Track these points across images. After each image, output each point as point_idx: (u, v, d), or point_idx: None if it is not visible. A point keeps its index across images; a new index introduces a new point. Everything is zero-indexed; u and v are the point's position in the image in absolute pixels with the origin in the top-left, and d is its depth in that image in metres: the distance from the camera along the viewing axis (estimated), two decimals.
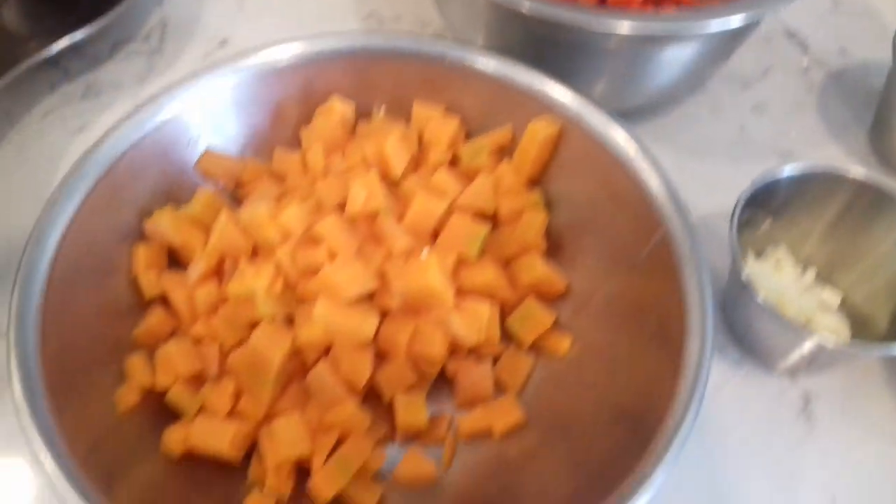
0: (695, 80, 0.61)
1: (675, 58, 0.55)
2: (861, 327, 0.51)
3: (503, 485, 0.44)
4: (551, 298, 0.50)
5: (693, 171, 0.60)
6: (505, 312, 0.49)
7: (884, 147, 0.62)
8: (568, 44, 0.55)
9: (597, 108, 0.49)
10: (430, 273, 0.44)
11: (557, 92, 0.50)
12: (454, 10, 0.60)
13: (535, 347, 0.49)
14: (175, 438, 0.44)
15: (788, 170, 0.48)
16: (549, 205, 0.52)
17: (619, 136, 0.48)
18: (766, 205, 0.50)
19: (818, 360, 0.49)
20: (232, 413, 0.45)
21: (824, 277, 0.53)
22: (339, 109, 0.51)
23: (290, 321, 0.45)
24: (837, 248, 0.52)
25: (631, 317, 0.46)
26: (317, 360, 0.45)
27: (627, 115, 0.62)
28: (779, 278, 0.52)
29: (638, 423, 0.40)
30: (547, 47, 0.55)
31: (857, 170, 0.49)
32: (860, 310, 0.52)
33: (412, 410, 0.45)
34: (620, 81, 0.58)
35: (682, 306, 0.42)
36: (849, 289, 0.52)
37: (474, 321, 0.45)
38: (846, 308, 0.52)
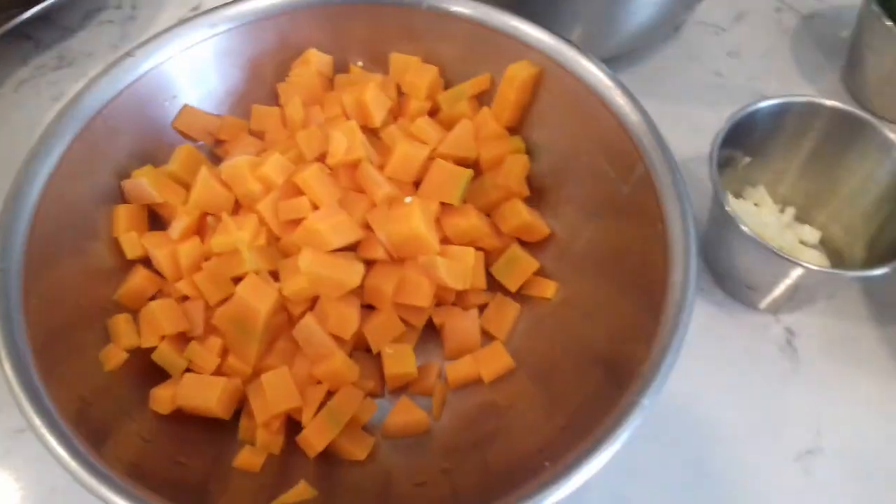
0: (669, 22, 0.61)
1: None
2: (839, 262, 0.52)
3: (490, 429, 0.44)
4: (535, 245, 0.50)
5: (671, 117, 0.60)
6: (489, 261, 0.50)
7: (856, 87, 0.62)
8: None
9: (574, 48, 0.49)
10: (414, 218, 0.44)
11: (535, 34, 0.50)
12: None
13: (520, 295, 0.49)
14: (163, 397, 0.43)
15: (765, 104, 0.49)
16: (530, 152, 0.52)
17: (597, 75, 0.48)
18: (743, 144, 0.51)
19: (801, 292, 0.50)
20: (219, 370, 0.44)
21: (802, 216, 0.54)
22: (315, 61, 0.51)
23: (275, 277, 0.45)
24: (814, 183, 0.53)
25: (614, 260, 0.46)
26: (303, 314, 0.45)
27: (608, 63, 0.62)
28: (759, 217, 0.53)
29: (617, 367, 0.40)
30: None
31: (832, 101, 0.49)
32: (837, 244, 0.53)
33: (400, 361, 0.46)
34: (597, 25, 0.58)
35: (664, 242, 0.42)
36: (826, 224, 0.53)
37: (460, 266, 0.45)
38: (825, 245, 0.53)
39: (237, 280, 0.44)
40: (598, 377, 0.42)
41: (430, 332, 0.49)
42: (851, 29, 0.62)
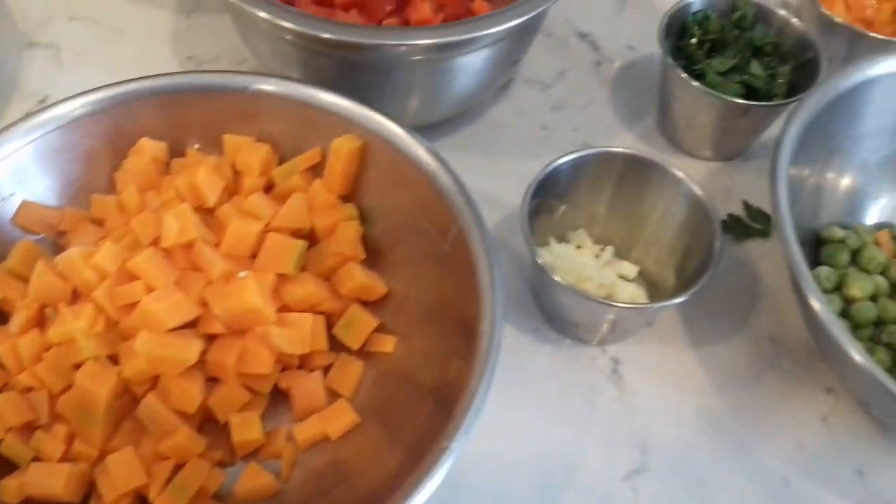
0: (492, 85, 0.66)
1: (469, 65, 0.60)
2: (656, 291, 0.57)
3: (339, 477, 0.47)
4: (375, 303, 0.54)
5: (502, 170, 0.65)
6: (333, 323, 0.53)
7: (668, 130, 0.69)
8: (371, 67, 0.59)
9: (393, 123, 0.53)
10: (247, 292, 0.47)
11: (355, 110, 0.54)
12: (263, 47, 0.63)
13: (364, 352, 0.52)
14: (10, 488, 0.44)
15: (564, 159, 0.54)
16: (366, 217, 0.55)
17: (412, 145, 0.52)
18: (556, 194, 0.56)
19: (619, 326, 0.55)
20: (66, 456, 0.46)
21: (622, 253, 0.59)
22: (149, 149, 0.53)
23: (116, 361, 0.47)
24: (624, 223, 0.58)
25: (440, 309, 0.50)
26: (146, 394, 0.47)
27: (444, 126, 0.67)
28: (580, 258, 0.58)
29: (445, 400, 0.44)
30: (355, 74, 0.59)
31: (620, 149, 0.55)
32: (653, 276, 0.58)
33: (246, 429, 0.48)
34: (429, 95, 0.63)
35: (477, 293, 0.46)
36: (641, 258, 0.58)
37: (297, 333, 0.48)
38: (643, 277, 0.58)
39: (78, 367, 0.46)
40: (427, 414, 0.45)
41: (281, 397, 0.51)
42: None
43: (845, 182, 0.60)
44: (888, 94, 0.58)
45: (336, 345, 0.52)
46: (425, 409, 0.46)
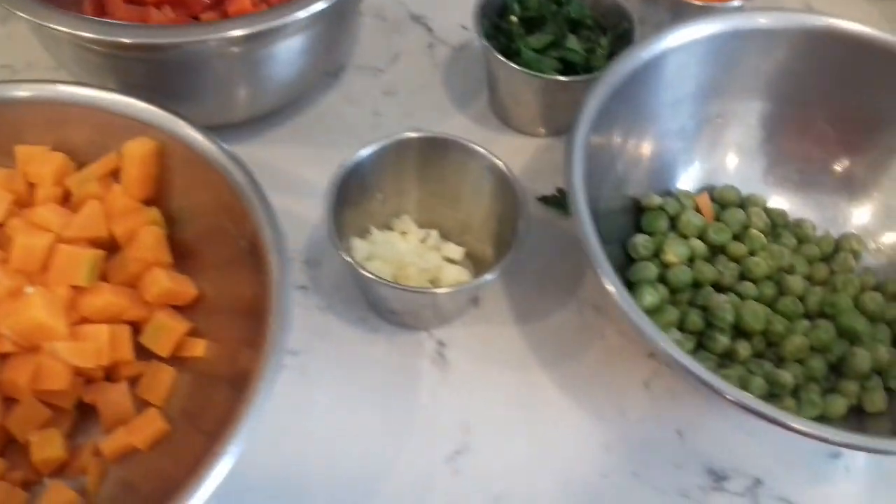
0: (314, 71, 0.65)
1: (284, 54, 0.60)
2: (483, 270, 0.57)
3: (156, 485, 0.46)
4: (187, 308, 0.53)
5: (332, 160, 0.63)
6: (141, 330, 0.51)
7: (499, 110, 0.69)
8: (181, 65, 0.58)
9: (187, 123, 0.52)
10: (33, 308, 0.46)
11: (148, 111, 0.52)
12: (66, 56, 0.61)
13: (176, 357, 0.51)
14: None
15: (365, 151, 0.54)
16: (174, 221, 0.54)
17: (206, 144, 0.51)
18: (365, 184, 0.55)
19: (440, 310, 0.55)
20: None
21: (449, 236, 0.59)
22: None
23: None
24: (442, 205, 0.58)
25: (244, 307, 0.49)
26: None
27: (273, 117, 0.66)
28: (403, 244, 0.57)
29: (241, 387, 0.43)
30: (166, 74, 0.58)
31: (417, 133, 0.55)
32: (477, 254, 0.58)
33: (45, 447, 0.46)
34: (249, 87, 0.62)
35: (269, 288, 0.46)
36: (465, 238, 0.58)
37: (90, 346, 0.47)
38: (470, 257, 0.58)
39: None
40: (227, 401, 0.44)
41: (93, 410, 0.50)
42: None
43: (660, 149, 0.61)
44: (689, 62, 0.59)
45: (149, 353, 0.51)
46: (227, 396, 0.46)
